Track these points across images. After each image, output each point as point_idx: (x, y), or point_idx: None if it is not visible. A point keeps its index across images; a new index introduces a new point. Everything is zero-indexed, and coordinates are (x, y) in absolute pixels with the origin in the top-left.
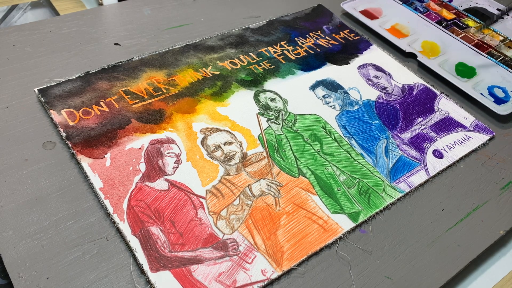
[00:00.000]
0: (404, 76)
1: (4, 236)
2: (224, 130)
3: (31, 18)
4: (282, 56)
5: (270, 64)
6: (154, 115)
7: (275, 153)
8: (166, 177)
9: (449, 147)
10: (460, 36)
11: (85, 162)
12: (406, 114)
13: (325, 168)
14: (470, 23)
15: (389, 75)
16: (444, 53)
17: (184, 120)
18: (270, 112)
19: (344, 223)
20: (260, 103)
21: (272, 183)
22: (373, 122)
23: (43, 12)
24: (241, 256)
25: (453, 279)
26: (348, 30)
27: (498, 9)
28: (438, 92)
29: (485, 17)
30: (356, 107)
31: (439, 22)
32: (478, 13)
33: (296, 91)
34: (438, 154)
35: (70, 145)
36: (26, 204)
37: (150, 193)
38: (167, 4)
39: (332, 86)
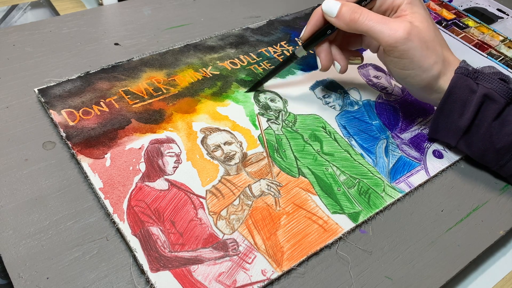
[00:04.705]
0: None
1: (4, 236)
2: (224, 130)
3: (31, 18)
4: (282, 56)
5: (270, 64)
6: (154, 115)
7: (275, 153)
8: (166, 177)
9: (449, 147)
10: (460, 36)
11: (85, 162)
12: (406, 114)
13: (325, 168)
14: (470, 23)
15: (389, 75)
16: None
17: (184, 120)
18: (270, 112)
19: (344, 223)
20: (260, 103)
21: (272, 183)
22: (373, 122)
23: (43, 12)
24: (241, 256)
25: (453, 279)
26: None
27: None
28: None
29: (485, 17)
30: (356, 107)
31: (439, 22)
32: (478, 13)
33: (296, 91)
34: (438, 154)
35: (70, 145)
36: (26, 204)
37: (150, 193)
38: (167, 4)
39: (332, 86)
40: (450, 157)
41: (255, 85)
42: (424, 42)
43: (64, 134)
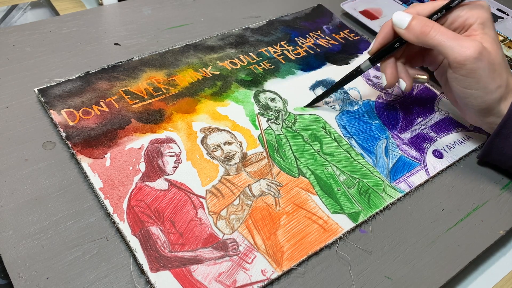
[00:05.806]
0: None
1: (4, 236)
2: (224, 130)
3: (31, 18)
4: (282, 56)
5: (270, 64)
6: (154, 115)
7: (275, 153)
8: (166, 176)
9: (449, 147)
10: None
11: (85, 162)
12: (406, 114)
13: (325, 168)
14: None
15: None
16: None
17: (184, 119)
18: (270, 112)
19: (344, 223)
20: (260, 103)
21: (272, 183)
22: (373, 122)
23: (43, 12)
24: (241, 256)
25: (453, 279)
26: (348, 30)
27: None
28: (438, 92)
29: None
30: (356, 107)
31: None
32: None
33: (296, 91)
34: (438, 154)
35: (70, 145)
36: (26, 204)
37: (150, 193)
38: (167, 4)
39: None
40: (450, 157)
41: (314, 100)
42: (492, 64)
43: (64, 134)
